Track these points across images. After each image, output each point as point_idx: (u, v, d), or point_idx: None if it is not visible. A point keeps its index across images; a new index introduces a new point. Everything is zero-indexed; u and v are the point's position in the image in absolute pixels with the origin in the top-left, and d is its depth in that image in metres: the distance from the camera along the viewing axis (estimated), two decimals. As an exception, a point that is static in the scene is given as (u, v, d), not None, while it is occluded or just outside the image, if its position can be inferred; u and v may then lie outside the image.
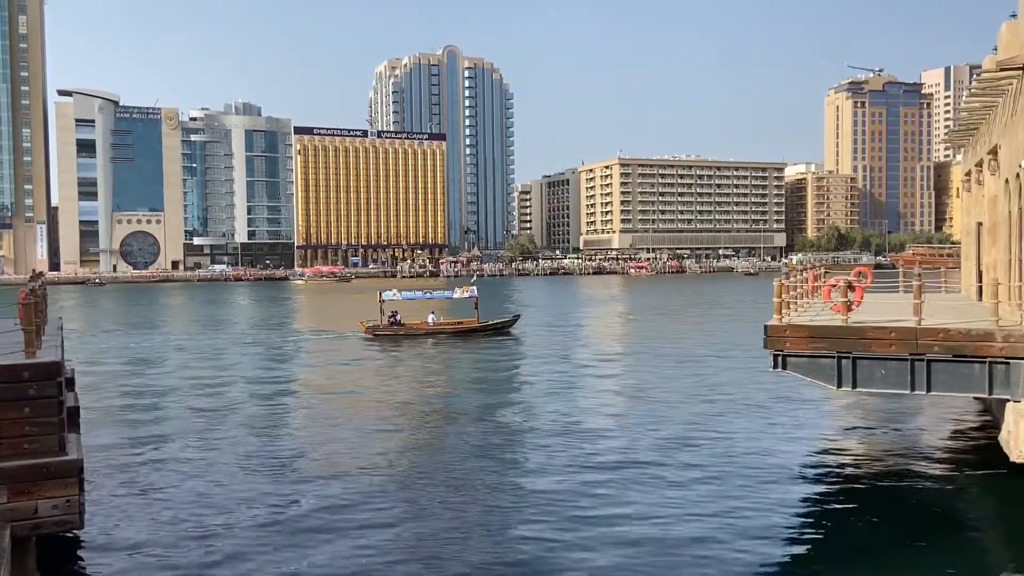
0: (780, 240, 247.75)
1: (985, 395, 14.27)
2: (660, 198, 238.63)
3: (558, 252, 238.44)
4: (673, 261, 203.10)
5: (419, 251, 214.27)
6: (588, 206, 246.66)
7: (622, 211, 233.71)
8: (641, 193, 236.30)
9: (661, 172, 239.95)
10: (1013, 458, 13.51)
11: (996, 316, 14.17)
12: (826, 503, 15.10)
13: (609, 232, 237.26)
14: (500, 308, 65.49)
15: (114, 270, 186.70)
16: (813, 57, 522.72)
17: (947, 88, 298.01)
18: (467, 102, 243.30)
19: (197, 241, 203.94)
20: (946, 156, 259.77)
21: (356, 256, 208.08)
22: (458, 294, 49.29)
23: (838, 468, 17.40)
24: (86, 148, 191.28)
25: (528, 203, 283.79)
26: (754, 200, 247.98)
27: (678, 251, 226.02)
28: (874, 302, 19.81)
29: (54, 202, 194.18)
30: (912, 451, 18.51)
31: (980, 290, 21.44)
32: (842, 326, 15.18)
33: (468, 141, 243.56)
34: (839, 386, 15.24)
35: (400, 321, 46.88)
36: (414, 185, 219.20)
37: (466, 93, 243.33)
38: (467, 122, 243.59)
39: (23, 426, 10.41)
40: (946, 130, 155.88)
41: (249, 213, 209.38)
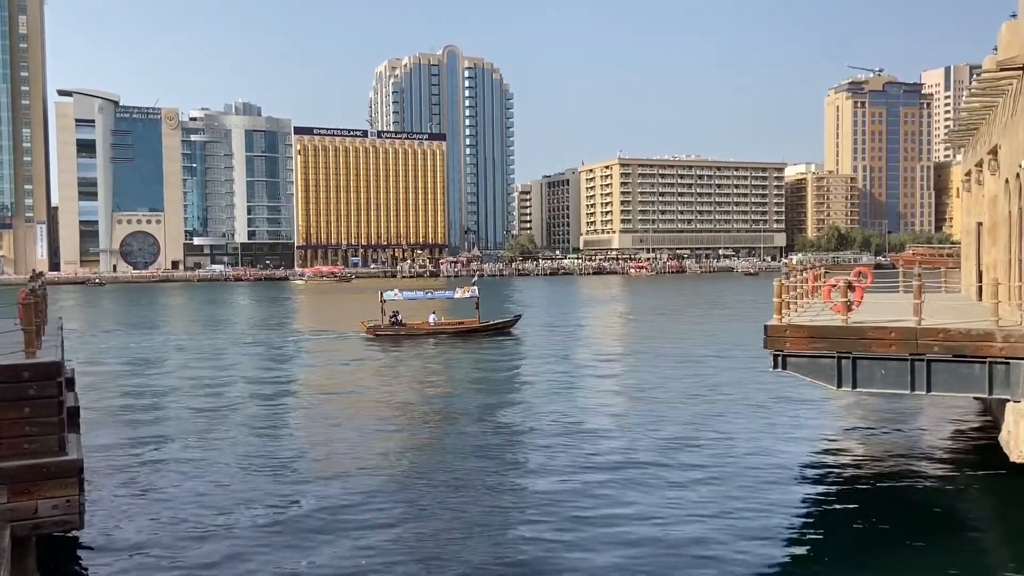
0: (780, 240, 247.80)
1: (985, 395, 14.27)
2: (660, 198, 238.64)
3: (558, 252, 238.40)
4: (673, 261, 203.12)
5: (419, 251, 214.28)
6: (588, 206, 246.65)
7: (622, 211, 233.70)
8: (641, 193, 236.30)
9: (661, 172, 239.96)
10: (1013, 458, 13.51)
11: (996, 316, 14.17)
12: (826, 503, 15.10)
13: (609, 232, 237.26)
14: (500, 308, 65.48)
15: (114, 270, 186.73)
16: (813, 57, 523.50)
17: (947, 88, 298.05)
18: (467, 102, 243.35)
19: (197, 241, 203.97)
20: (946, 156, 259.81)
21: (356, 256, 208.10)
22: (459, 294, 49.27)
23: (838, 468, 17.40)
24: (86, 148, 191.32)
25: (528, 203, 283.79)
26: (754, 200, 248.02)
27: (678, 251, 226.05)
28: (874, 302, 19.80)
29: (54, 202, 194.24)
30: (912, 451, 18.51)
31: (980, 290, 21.44)
32: (842, 326, 15.18)
33: (468, 141, 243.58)
34: (839, 386, 15.25)
35: (401, 321, 46.87)
36: (414, 185, 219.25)
37: (466, 93, 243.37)
38: (467, 122, 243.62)
39: (23, 426, 10.41)
40: (946, 130, 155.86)
41: (249, 213, 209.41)
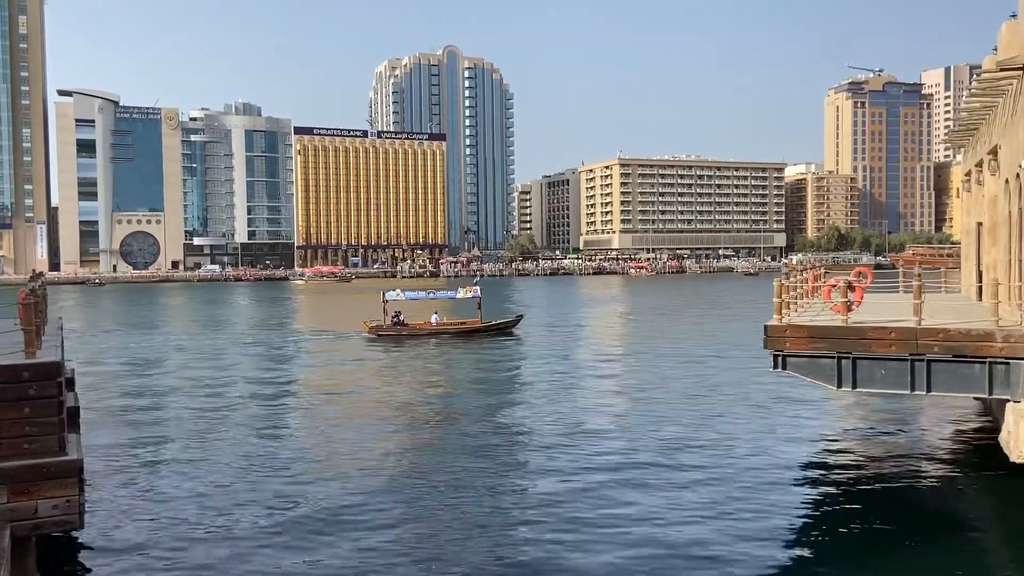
0: (780, 240, 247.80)
1: (985, 395, 14.26)
2: (660, 198, 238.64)
3: (558, 252, 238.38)
4: (673, 261, 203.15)
5: (419, 251, 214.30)
6: (588, 206, 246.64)
7: (622, 211, 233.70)
8: (641, 193, 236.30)
9: (661, 172, 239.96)
10: (1013, 458, 13.50)
11: (996, 316, 14.15)
12: (826, 504, 15.10)
13: (609, 232, 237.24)
14: (501, 308, 65.48)
15: (114, 270, 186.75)
16: (813, 57, 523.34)
17: (947, 88, 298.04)
18: (467, 102, 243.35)
19: (197, 241, 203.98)
20: (946, 156, 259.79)
21: (356, 256, 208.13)
22: (461, 294, 49.35)
23: (838, 468, 17.40)
24: (86, 148, 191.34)
25: (528, 203, 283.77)
26: (754, 200, 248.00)
27: (678, 251, 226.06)
28: (874, 302, 19.80)
29: (54, 202, 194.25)
30: (912, 451, 18.51)
31: (980, 290, 21.43)
32: (842, 326, 15.17)
33: (468, 141, 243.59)
34: (839, 386, 15.24)
35: (403, 321, 46.89)
36: (414, 185, 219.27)
37: (466, 93, 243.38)
38: (467, 122, 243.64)
39: (23, 426, 10.41)
40: (946, 130, 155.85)
41: (249, 213, 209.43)
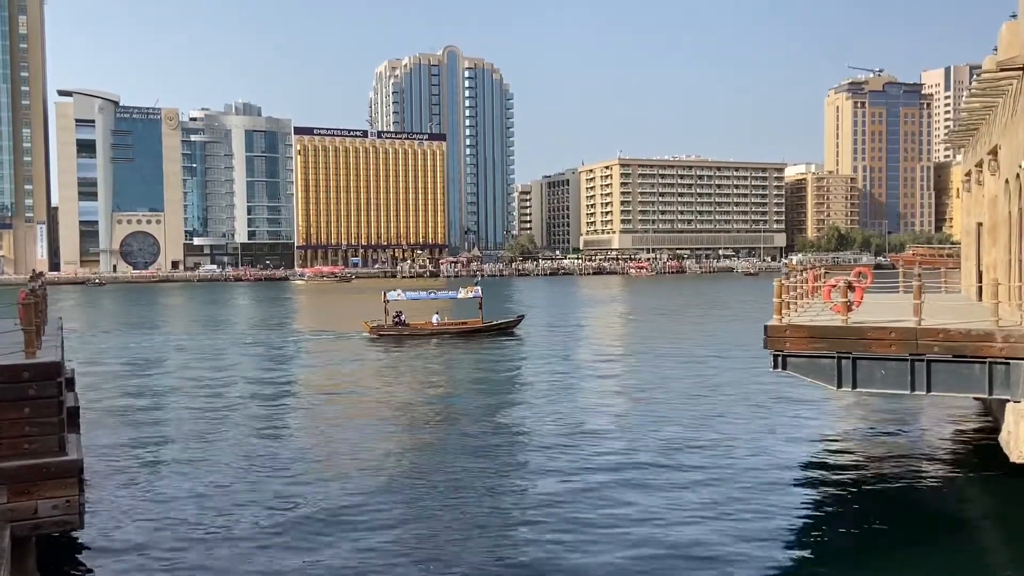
0: (780, 240, 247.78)
1: (985, 395, 14.26)
2: (660, 198, 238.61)
3: (558, 252, 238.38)
4: (673, 261, 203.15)
5: (419, 251, 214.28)
6: (588, 206, 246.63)
7: (622, 211, 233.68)
8: (641, 193, 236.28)
9: (661, 172, 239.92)
10: (1013, 458, 13.50)
11: (996, 316, 14.15)
12: (826, 504, 15.10)
13: (609, 232, 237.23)
14: (501, 309, 65.49)
15: (114, 270, 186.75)
16: (813, 57, 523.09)
17: (947, 88, 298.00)
18: (467, 102, 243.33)
19: (197, 241, 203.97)
20: (946, 156, 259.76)
21: (356, 256, 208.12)
22: (462, 294, 49.44)
23: (838, 469, 17.39)
24: (86, 148, 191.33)
25: (528, 203, 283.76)
26: (754, 200, 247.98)
27: (678, 251, 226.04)
28: (874, 302, 19.79)
29: (54, 202, 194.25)
30: (912, 451, 18.51)
31: (980, 290, 21.43)
32: (842, 326, 15.17)
33: (468, 141, 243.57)
34: (839, 386, 15.24)
35: (404, 321, 46.93)
36: (414, 185, 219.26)
37: (466, 93, 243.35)
38: (467, 122, 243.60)
39: (23, 426, 10.41)
40: (946, 130, 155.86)
41: (249, 213, 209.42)
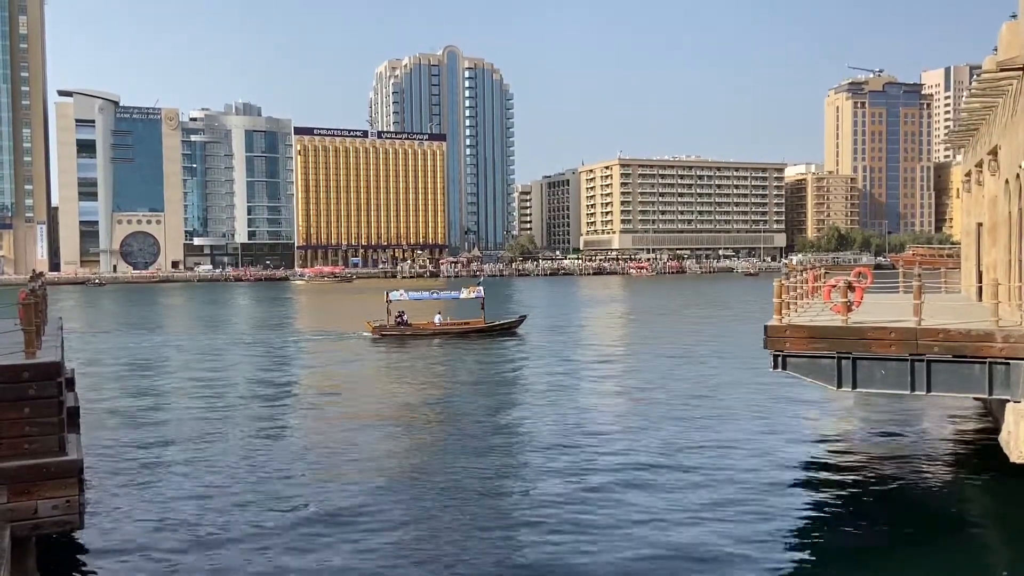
0: (780, 240, 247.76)
1: (985, 395, 14.26)
2: (660, 198, 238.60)
3: (558, 252, 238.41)
4: (673, 261, 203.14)
5: (419, 251, 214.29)
6: (588, 206, 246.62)
7: (622, 211, 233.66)
8: (641, 193, 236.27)
9: (661, 172, 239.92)
10: (1013, 458, 13.50)
11: (996, 316, 14.15)
12: (826, 504, 15.10)
13: (609, 232, 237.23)
14: (502, 309, 65.48)
15: (114, 270, 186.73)
16: (813, 57, 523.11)
17: (947, 88, 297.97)
18: (467, 102, 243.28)
19: (197, 241, 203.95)
20: (946, 156, 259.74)
21: (356, 256, 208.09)
22: (465, 295, 49.56)
23: (838, 469, 17.39)
24: (86, 148, 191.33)
25: (528, 203, 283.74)
26: (754, 200, 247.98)
27: (678, 251, 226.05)
28: (874, 302, 19.80)
29: (54, 202, 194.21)
30: (912, 452, 18.51)
31: (980, 290, 21.44)
32: (842, 326, 15.17)
33: (468, 141, 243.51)
34: (839, 386, 15.24)
35: (407, 321, 47.00)
36: (414, 185, 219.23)
37: (466, 93, 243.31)
38: (467, 122, 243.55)
39: (23, 426, 10.41)
40: (946, 130, 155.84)
41: (249, 213, 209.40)
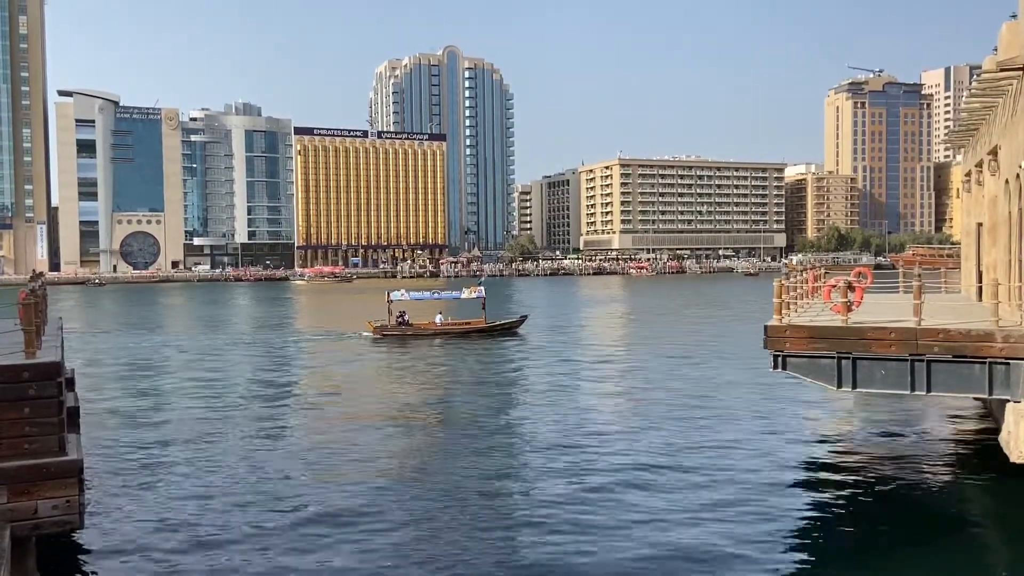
0: (780, 240, 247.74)
1: (985, 395, 14.26)
2: (660, 198, 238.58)
3: (558, 252, 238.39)
4: (673, 261, 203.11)
5: (419, 251, 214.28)
6: (588, 206, 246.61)
7: (622, 211, 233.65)
8: (641, 194, 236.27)
9: (661, 172, 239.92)
10: (1013, 459, 13.50)
11: (996, 316, 14.15)
12: (827, 504, 15.09)
13: (609, 232, 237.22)
14: (503, 309, 65.46)
15: (114, 270, 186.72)
16: (813, 57, 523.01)
17: (947, 88, 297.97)
18: (467, 102, 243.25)
19: (197, 241, 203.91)
20: (946, 157, 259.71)
21: (356, 256, 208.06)
22: (466, 295, 49.60)
23: (839, 469, 17.39)
24: (86, 148, 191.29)
25: (528, 203, 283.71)
26: (754, 200, 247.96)
27: (678, 251, 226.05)
28: (874, 302, 19.79)
29: (54, 202, 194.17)
30: (912, 452, 18.50)
31: (980, 290, 21.43)
32: (842, 326, 15.17)
33: (468, 141, 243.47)
34: (839, 386, 15.24)
35: (408, 321, 47.03)
36: (414, 185, 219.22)
37: (466, 93, 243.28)
38: (467, 122, 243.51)
39: (23, 426, 10.41)
40: (946, 130, 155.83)
41: (249, 213, 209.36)
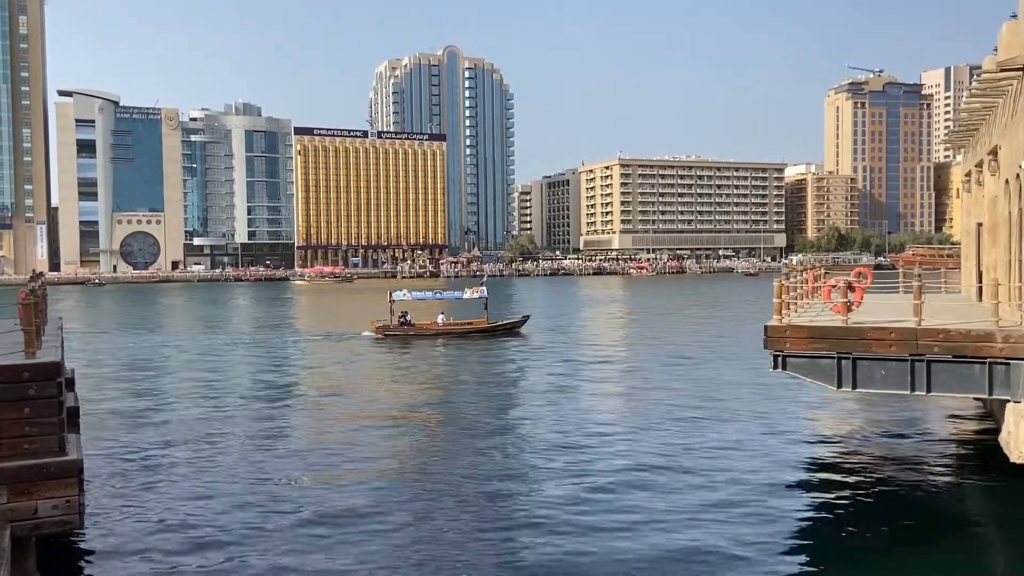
0: (780, 240, 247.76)
1: (985, 396, 14.26)
2: (660, 199, 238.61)
3: (558, 253, 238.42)
4: (673, 262, 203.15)
5: (419, 251, 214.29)
6: (588, 206, 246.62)
7: (622, 211, 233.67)
8: (641, 194, 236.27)
9: (661, 172, 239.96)
10: (1013, 459, 13.50)
11: (996, 316, 14.15)
12: (826, 504, 15.09)
13: (609, 233, 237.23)
14: (503, 309, 65.46)
15: (114, 270, 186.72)
16: (813, 57, 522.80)
17: (947, 88, 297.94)
18: (467, 102, 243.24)
19: (197, 241, 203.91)
20: (946, 157, 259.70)
21: (356, 257, 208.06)
22: (468, 295, 49.65)
23: (839, 469, 17.39)
24: (86, 148, 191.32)
25: (528, 203, 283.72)
26: (754, 200, 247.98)
27: (678, 251, 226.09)
28: (874, 303, 19.78)
29: (54, 202, 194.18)
30: (912, 452, 18.51)
31: (980, 291, 21.43)
32: (842, 327, 15.17)
33: (468, 141, 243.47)
34: (839, 387, 15.24)
35: (410, 321, 47.06)
36: (414, 185, 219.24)
37: (466, 93, 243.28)
38: (467, 122, 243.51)
39: (23, 426, 10.40)
40: (946, 131, 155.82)
41: (249, 213, 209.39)
